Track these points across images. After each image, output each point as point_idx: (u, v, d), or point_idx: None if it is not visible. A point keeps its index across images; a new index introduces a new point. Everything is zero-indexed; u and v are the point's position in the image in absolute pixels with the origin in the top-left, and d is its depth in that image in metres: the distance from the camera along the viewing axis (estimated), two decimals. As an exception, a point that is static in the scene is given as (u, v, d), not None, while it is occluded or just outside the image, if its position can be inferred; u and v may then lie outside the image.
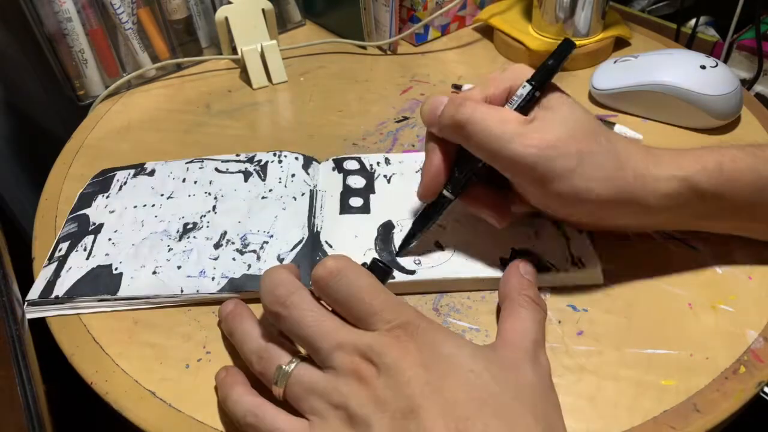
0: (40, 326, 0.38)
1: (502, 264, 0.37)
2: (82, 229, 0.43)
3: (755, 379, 0.32)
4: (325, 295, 0.28)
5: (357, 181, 0.44)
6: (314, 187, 0.45)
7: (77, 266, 0.40)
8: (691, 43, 0.80)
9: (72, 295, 0.38)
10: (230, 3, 0.59)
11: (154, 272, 0.39)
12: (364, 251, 0.39)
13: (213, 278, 0.38)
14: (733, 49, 0.80)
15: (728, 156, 0.33)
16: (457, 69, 0.60)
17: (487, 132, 0.32)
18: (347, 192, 0.44)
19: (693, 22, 0.81)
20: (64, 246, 0.42)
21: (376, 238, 0.40)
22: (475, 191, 0.36)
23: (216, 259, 0.39)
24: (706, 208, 0.34)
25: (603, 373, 0.33)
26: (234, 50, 0.61)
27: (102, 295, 0.38)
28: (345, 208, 0.42)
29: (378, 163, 0.46)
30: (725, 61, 0.79)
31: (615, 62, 0.53)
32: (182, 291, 0.38)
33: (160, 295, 0.38)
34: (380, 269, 0.31)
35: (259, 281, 0.32)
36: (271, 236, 0.41)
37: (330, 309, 0.29)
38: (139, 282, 0.38)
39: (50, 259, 0.41)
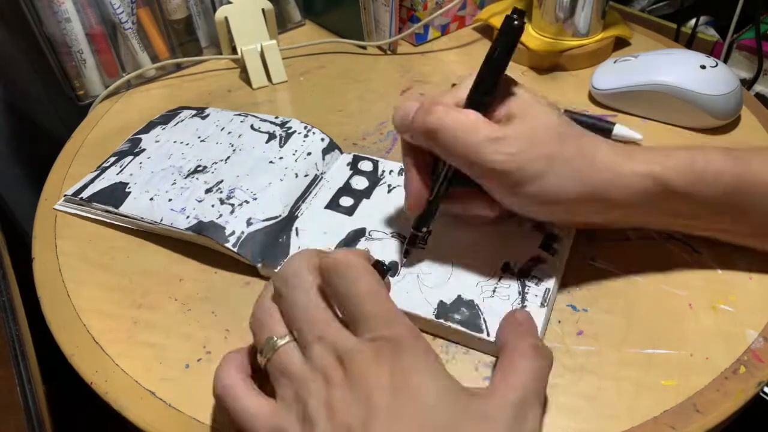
0: (40, 326, 0.38)
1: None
2: (130, 149, 0.48)
3: (755, 379, 0.32)
4: (327, 285, 0.28)
5: (360, 182, 0.44)
6: (321, 173, 0.45)
7: (108, 178, 0.45)
8: (691, 43, 0.80)
9: (91, 200, 0.43)
10: (230, 3, 0.59)
11: (152, 198, 0.42)
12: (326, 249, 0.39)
13: (188, 217, 0.41)
14: (733, 49, 0.80)
15: (702, 155, 0.33)
16: (457, 69, 0.60)
17: (457, 140, 0.32)
18: (344, 189, 0.44)
19: (693, 22, 0.81)
20: (112, 159, 0.48)
21: (340, 242, 0.39)
22: (457, 192, 0.36)
23: (201, 201, 0.42)
24: (678, 206, 0.34)
25: (603, 373, 0.33)
26: (234, 50, 0.61)
27: (108, 207, 0.43)
28: (332, 204, 0.42)
29: (391, 172, 0.45)
30: (725, 61, 0.80)
31: (615, 62, 0.53)
32: (161, 220, 0.41)
33: (145, 219, 0.41)
34: (380, 270, 0.30)
35: (222, 231, 0.39)
36: (255, 199, 0.42)
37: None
38: (137, 203, 0.42)
39: (98, 168, 0.47)
